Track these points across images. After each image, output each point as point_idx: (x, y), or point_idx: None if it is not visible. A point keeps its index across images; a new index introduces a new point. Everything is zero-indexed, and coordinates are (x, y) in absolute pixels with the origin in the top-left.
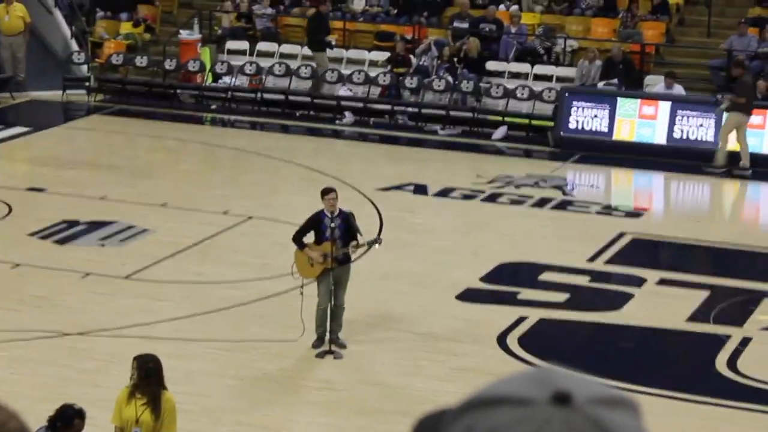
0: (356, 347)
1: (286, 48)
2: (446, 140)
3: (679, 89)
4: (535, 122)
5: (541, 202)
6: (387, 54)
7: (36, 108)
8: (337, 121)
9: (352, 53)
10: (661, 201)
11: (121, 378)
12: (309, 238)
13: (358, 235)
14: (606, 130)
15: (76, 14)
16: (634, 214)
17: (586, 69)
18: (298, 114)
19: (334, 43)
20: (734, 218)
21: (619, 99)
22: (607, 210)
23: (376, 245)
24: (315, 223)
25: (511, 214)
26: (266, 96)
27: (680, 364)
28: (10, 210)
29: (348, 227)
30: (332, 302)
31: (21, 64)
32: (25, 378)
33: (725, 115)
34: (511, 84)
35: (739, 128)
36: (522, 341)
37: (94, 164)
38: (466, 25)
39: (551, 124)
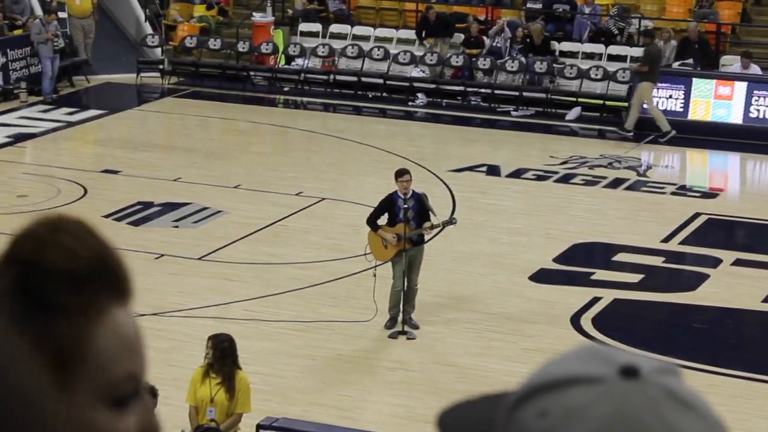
0: (429, 328)
1: (359, 30)
2: (519, 121)
3: (755, 69)
4: (609, 103)
5: (615, 183)
6: (461, 36)
7: (110, 91)
8: (410, 103)
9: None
10: (736, 181)
11: (195, 358)
12: (382, 220)
13: (432, 216)
14: (681, 110)
15: None
16: (709, 194)
17: (661, 49)
18: (370, 96)
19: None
20: None
21: (694, 79)
22: (682, 190)
23: (451, 225)
24: (388, 205)
25: (584, 194)
26: (339, 78)
27: (756, 345)
28: (86, 192)
29: (421, 208)
30: (406, 283)
31: (90, 46)
32: None
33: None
34: (585, 65)
35: (646, 95)
36: (596, 322)
37: (167, 146)
38: (539, 6)
39: (626, 104)
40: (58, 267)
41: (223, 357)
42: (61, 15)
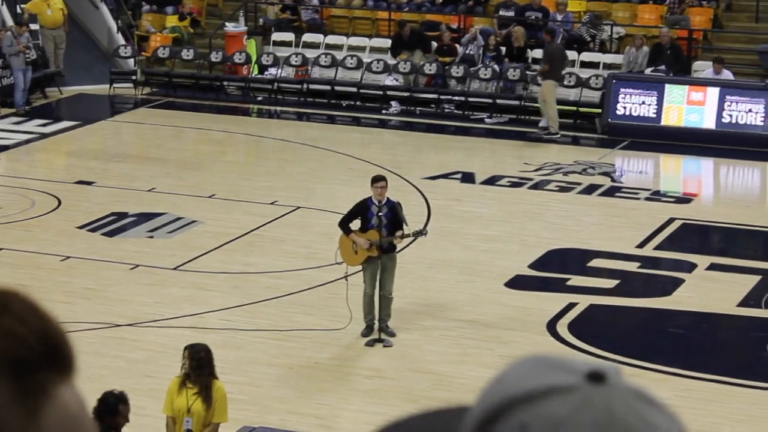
0: (405, 335)
1: (332, 39)
2: (493, 128)
3: (727, 74)
4: (582, 109)
5: (590, 189)
6: (434, 44)
7: (83, 102)
8: (384, 111)
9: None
10: (710, 186)
11: (172, 368)
12: (354, 225)
13: (404, 225)
14: (654, 116)
15: (122, 8)
16: (684, 199)
17: (633, 55)
18: (344, 104)
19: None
20: None
21: (667, 85)
22: (656, 196)
23: (422, 236)
24: (362, 210)
25: (559, 201)
26: (312, 87)
27: (731, 349)
28: (60, 203)
29: (394, 217)
30: (380, 291)
31: (61, 57)
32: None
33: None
34: None
35: (548, 93)
36: (572, 327)
37: (141, 157)
38: (512, 14)
39: (599, 111)
40: (2, 356)
41: (199, 367)
42: (33, 27)
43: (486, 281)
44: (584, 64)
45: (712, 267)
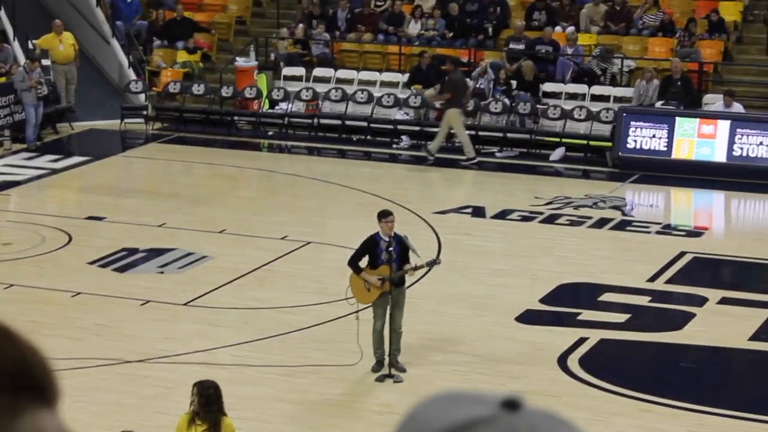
0: (416, 371)
1: (342, 73)
2: (504, 162)
3: (738, 107)
4: (593, 143)
5: (601, 223)
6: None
7: (94, 137)
8: (395, 145)
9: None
10: (721, 219)
11: (182, 404)
12: (363, 262)
13: (416, 256)
14: (665, 149)
15: (133, 43)
16: (695, 233)
17: (643, 89)
18: (354, 139)
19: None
20: None
21: (677, 118)
22: (667, 229)
23: (436, 265)
24: (370, 246)
25: (570, 235)
26: (323, 121)
27: (743, 383)
28: (70, 239)
29: (403, 250)
30: (390, 326)
31: (72, 92)
32: (87, 406)
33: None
34: (568, 105)
35: (454, 121)
36: (583, 362)
37: (152, 192)
38: (522, 47)
39: (609, 144)
40: None
41: (208, 404)
42: (45, 62)
43: (496, 316)
44: (595, 98)
45: (724, 301)
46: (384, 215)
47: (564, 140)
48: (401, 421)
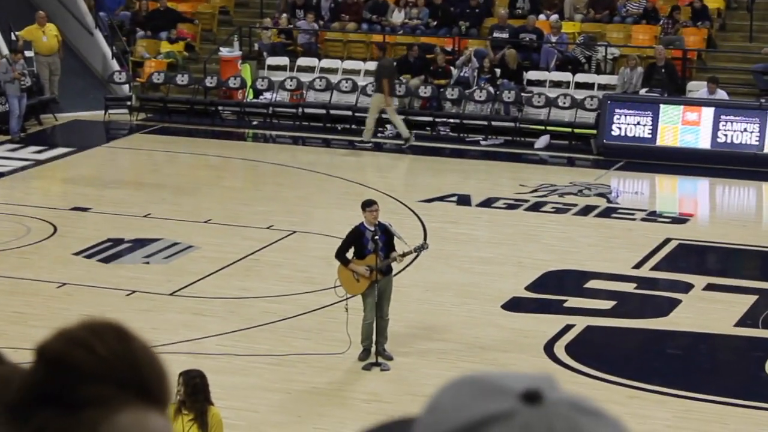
0: (403, 359)
1: (326, 62)
2: (488, 150)
3: (722, 94)
4: (577, 130)
5: (586, 210)
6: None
7: (78, 128)
8: (379, 134)
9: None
10: (706, 206)
11: None
12: (349, 254)
13: (403, 243)
14: (649, 136)
15: (116, 34)
16: (680, 219)
17: (627, 76)
18: (339, 128)
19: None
20: None
21: (661, 105)
22: (652, 216)
23: (424, 250)
24: (356, 237)
25: (555, 222)
26: (307, 111)
27: (729, 369)
28: (55, 230)
29: (388, 239)
30: (377, 314)
31: (56, 84)
32: None
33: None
34: (552, 93)
35: (376, 104)
36: (569, 349)
37: (137, 183)
38: (506, 36)
39: (594, 132)
40: (80, 366)
41: (194, 393)
42: (28, 53)
43: (482, 303)
44: (579, 86)
45: (709, 287)
46: (368, 204)
47: (548, 128)
48: (424, 409)
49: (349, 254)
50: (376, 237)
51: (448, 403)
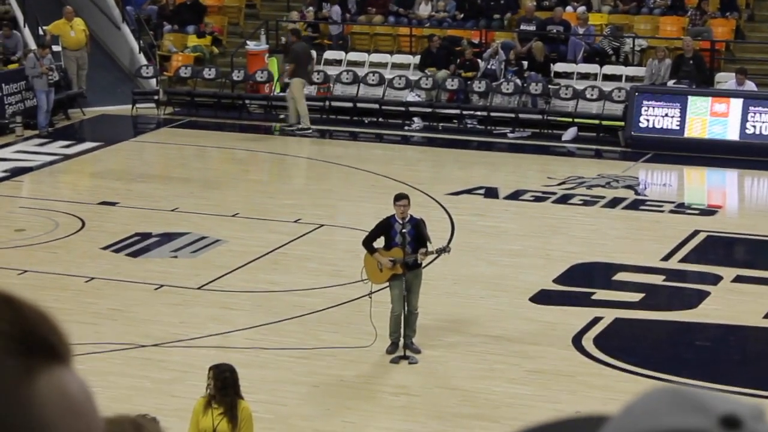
0: (431, 352)
1: (353, 55)
2: (516, 143)
3: (750, 85)
4: (605, 122)
5: (614, 202)
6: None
7: (106, 122)
8: (406, 127)
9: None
10: (734, 198)
11: (197, 388)
12: (378, 243)
13: (428, 243)
14: (677, 128)
15: (143, 28)
16: (708, 211)
17: (655, 68)
18: (366, 121)
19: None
20: None
21: (689, 97)
22: (681, 208)
23: (446, 253)
24: (385, 228)
25: (583, 215)
26: (334, 104)
27: (759, 361)
28: (83, 224)
29: (418, 234)
30: (405, 308)
31: (84, 78)
32: (103, 390)
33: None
34: (580, 85)
35: (296, 90)
36: (597, 342)
37: (164, 177)
38: (533, 28)
39: (622, 124)
40: None
41: (224, 387)
42: (55, 48)
43: (511, 296)
44: (606, 77)
45: (738, 279)
46: (397, 198)
47: (576, 120)
48: (619, 410)
49: (379, 244)
50: (404, 230)
51: (645, 409)
